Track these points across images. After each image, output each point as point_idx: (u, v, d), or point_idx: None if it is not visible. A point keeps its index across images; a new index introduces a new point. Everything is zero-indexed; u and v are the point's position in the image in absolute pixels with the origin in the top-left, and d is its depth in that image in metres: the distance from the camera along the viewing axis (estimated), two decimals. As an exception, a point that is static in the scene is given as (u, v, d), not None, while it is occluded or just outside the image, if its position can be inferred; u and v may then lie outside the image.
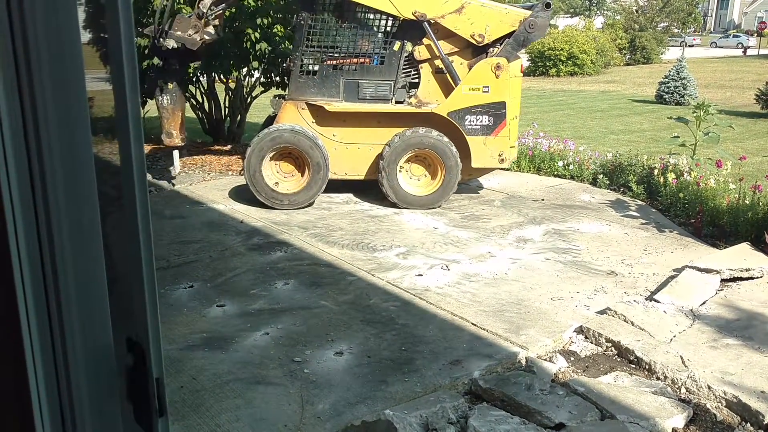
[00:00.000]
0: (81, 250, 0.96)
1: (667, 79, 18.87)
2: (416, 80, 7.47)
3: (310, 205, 7.19)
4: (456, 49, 7.35)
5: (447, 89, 7.34)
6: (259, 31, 8.83)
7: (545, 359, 4.04)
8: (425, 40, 7.28)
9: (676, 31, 42.19)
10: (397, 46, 7.24)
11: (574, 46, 28.43)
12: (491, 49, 7.37)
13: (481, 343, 4.21)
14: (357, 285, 5.12)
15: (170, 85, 7.34)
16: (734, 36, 53.85)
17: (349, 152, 7.35)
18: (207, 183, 8.40)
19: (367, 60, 7.25)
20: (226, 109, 10.76)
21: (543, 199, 7.76)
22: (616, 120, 15.77)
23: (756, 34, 49.89)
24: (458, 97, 7.16)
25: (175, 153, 8.36)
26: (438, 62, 7.34)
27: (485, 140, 7.24)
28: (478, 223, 6.82)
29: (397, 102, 7.36)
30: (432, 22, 7.13)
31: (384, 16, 7.33)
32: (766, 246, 5.59)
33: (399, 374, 3.81)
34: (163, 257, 5.60)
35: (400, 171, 7.20)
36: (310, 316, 4.56)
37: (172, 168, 8.53)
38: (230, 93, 10.63)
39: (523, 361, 4.00)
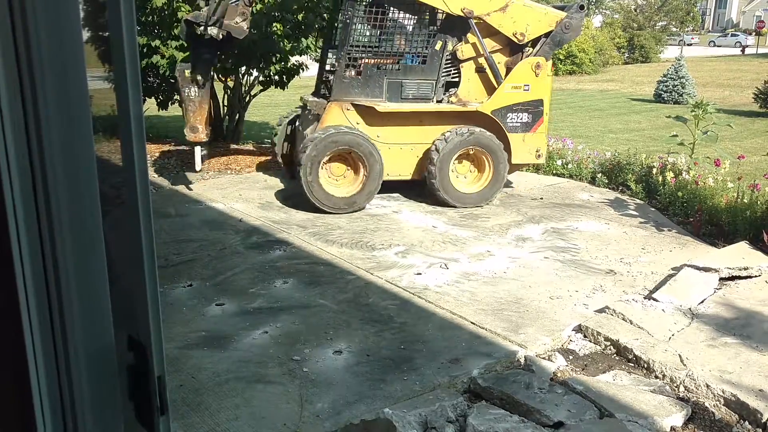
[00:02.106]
0: (82, 249, 0.96)
1: (665, 78, 18.90)
2: (455, 79, 7.50)
3: (362, 209, 7.06)
4: (498, 47, 7.50)
5: (486, 88, 7.46)
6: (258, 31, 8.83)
7: (544, 358, 4.05)
8: (470, 38, 7.34)
9: (674, 30, 42.22)
10: (438, 45, 7.26)
11: (572, 44, 28.41)
12: (526, 49, 7.51)
13: (480, 341, 4.21)
14: (356, 284, 5.12)
15: (199, 77, 7.05)
16: (733, 35, 53.87)
17: (392, 153, 7.26)
18: (206, 182, 8.39)
19: (409, 59, 7.25)
20: (225, 108, 10.75)
21: (542, 198, 7.76)
22: (614, 119, 15.78)
23: (754, 33, 49.93)
24: (501, 95, 7.31)
25: (198, 149, 7.88)
26: (481, 61, 7.41)
27: (524, 137, 7.43)
28: (477, 221, 6.83)
29: (437, 101, 7.39)
30: (478, 19, 7.21)
31: (428, 15, 7.35)
32: (764, 245, 5.60)
33: (398, 373, 3.81)
34: (162, 256, 5.60)
35: (451, 169, 7.22)
36: (309, 315, 4.56)
37: (194, 164, 7.88)
38: (229, 92, 10.62)
39: (522, 360, 4.00)
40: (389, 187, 7.40)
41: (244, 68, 10.04)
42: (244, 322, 4.45)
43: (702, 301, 4.72)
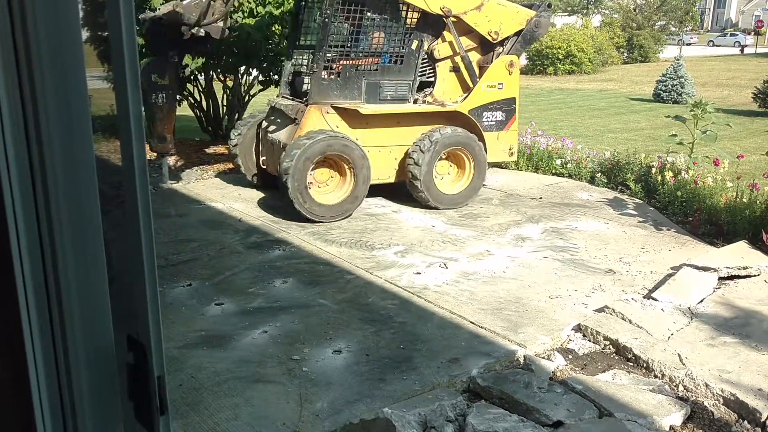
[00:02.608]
0: (82, 249, 0.96)
1: (664, 78, 18.89)
2: (430, 79, 7.44)
3: (350, 215, 6.82)
4: (473, 46, 7.48)
5: (461, 87, 7.45)
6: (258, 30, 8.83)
7: (543, 357, 4.05)
8: (446, 37, 7.29)
9: (673, 29, 42.20)
10: (415, 44, 7.17)
11: (571, 44, 28.46)
12: (497, 48, 7.49)
13: (479, 341, 4.21)
14: (355, 283, 5.13)
15: (167, 81, 6.64)
16: (732, 35, 53.88)
17: (372, 156, 6.96)
18: (205, 181, 8.39)
19: (378, 59, 7.11)
20: (224, 108, 10.75)
21: (541, 198, 7.76)
22: (613, 118, 15.79)
23: (753, 33, 49.97)
24: (477, 94, 7.31)
25: (165, 161, 7.48)
26: (457, 60, 7.38)
27: (498, 135, 7.48)
28: (476, 221, 6.83)
29: (413, 101, 7.32)
30: (455, 18, 7.17)
31: (405, 14, 7.23)
32: (763, 244, 5.60)
33: (397, 372, 3.81)
34: (162, 255, 5.59)
35: (435, 171, 7.12)
36: (309, 315, 4.56)
37: (159, 176, 7.55)
38: (228, 91, 10.62)
39: (522, 359, 4.00)
40: (388, 187, 7.39)
41: (243, 68, 10.04)
42: (243, 321, 4.45)
43: (701, 301, 4.72)
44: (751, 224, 6.05)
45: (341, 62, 6.96)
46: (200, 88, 10.28)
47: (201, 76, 9.96)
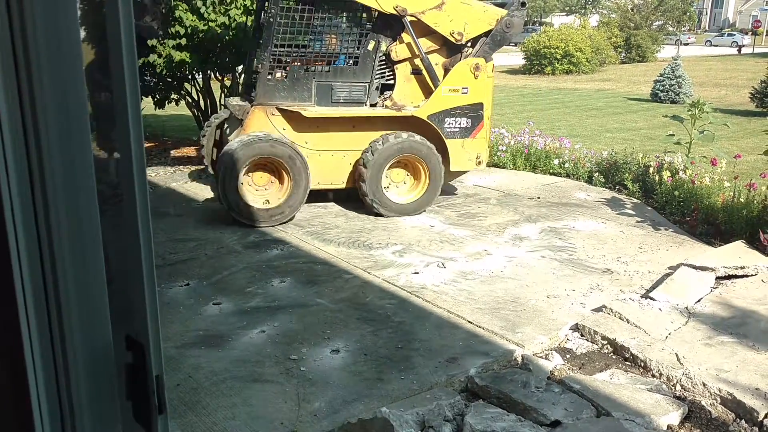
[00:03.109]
0: (80, 248, 0.95)
1: (662, 78, 18.92)
2: (390, 82, 7.04)
3: (292, 219, 6.65)
4: (434, 48, 7.02)
5: (423, 90, 7.00)
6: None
7: (541, 357, 4.05)
8: (404, 38, 6.87)
9: (671, 29, 42.26)
10: (371, 45, 6.83)
11: (569, 44, 28.48)
12: (465, 49, 7.07)
13: (477, 340, 4.21)
14: (353, 283, 5.13)
15: None
16: (729, 34, 53.99)
17: (323, 160, 6.82)
18: (203, 180, 8.38)
19: (334, 60, 6.85)
20: (222, 107, 10.73)
21: (539, 197, 7.77)
22: (611, 118, 15.81)
23: (750, 33, 50.07)
24: (438, 98, 6.86)
25: None
26: (417, 62, 6.95)
27: (463, 143, 7.01)
28: (474, 221, 6.83)
29: (370, 105, 6.92)
30: (412, 17, 6.75)
31: (359, 14, 6.95)
32: (760, 244, 5.61)
33: (395, 372, 3.81)
34: (159, 255, 5.59)
35: (386, 178, 6.87)
36: (307, 314, 4.56)
37: None
38: (226, 91, 10.60)
39: (519, 359, 4.00)
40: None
41: (241, 67, 10.03)
42: (241, 321, 4.45)
43: (698, 300, 4.73)
44: (748, 224, 6.07)
45: (295, 63, 6.73)
46: (197, 88, 10.27)
47: (199, 75, 9.95)
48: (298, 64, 6.73)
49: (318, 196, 7.13)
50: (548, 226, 6.67)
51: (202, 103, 10.58)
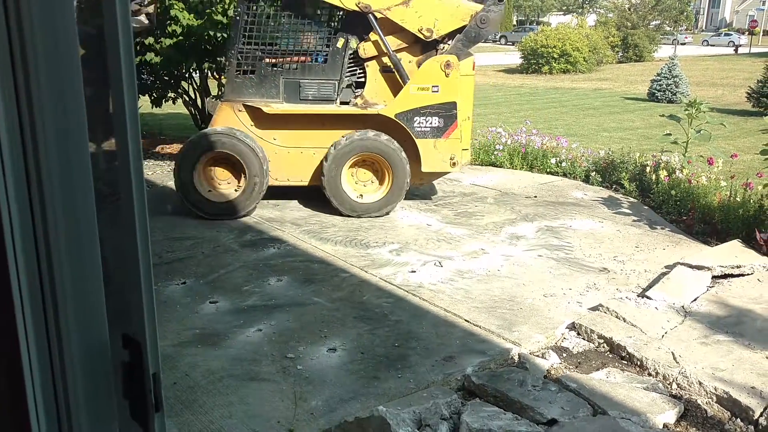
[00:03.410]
0: (77, 246, 0.96)
1: (659, 77, 18.94)
2: (362, 79, 6.91)
3: (248, 214, 6.66)
4: (404, 45, 6.80)
5: (395, 89, 6.80)
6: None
7: (538, 355, 4.06)
8: (371, 36, 6.71)
9: (668, 29, 42.31)
10: (340, 42, 6.73)
11: (566, 43, 28.48)
12: (441, 46, 6.83)
13: (474, 339, 4.22)
14: (350, 281, 5.13)
15: None
16: (726, 34, 54.07)
17: (291, 157, 6.80)
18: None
19: (309, 58, 6.77)
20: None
21: (535, 196, 7.77)
22: (608, 117, 15.82)
23: (747, 33, 50.15)
24: (406, 97, 6.65)
25: None
26: (385, 60, 6.78)
27: (435, 143, 6.76)
28: (471, 220, 6.83)
29: (342, 103, 6.82)
30: (378, 14, 6.60)
31: (327, 11, 6.89)
32: (756, 243, 5.63)
33: (392, 370, 3.82)
34: (156, 253, 5.58)
35: (347, 176, 6.74)
36: (303, 313, 4.56)
37: None
38: (222, 89, 10.58)
39: (516, 358, 4.01)
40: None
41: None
42: (238, 319, 4.45)
43: (695, 299, 4.74)
44: (744, 223, 6.08)
45: (267, 60, 6.71)
46: (195, 86, 10.26)
47: (196, 74, 9.93)
48: (267, 61, 6.72)
49: (317, 195, 7.13)
50: (545, 225, 6.67)
51: (199, 101, 10.57)
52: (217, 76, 10.29)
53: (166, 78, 9.63)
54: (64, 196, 0.92)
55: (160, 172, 8.58)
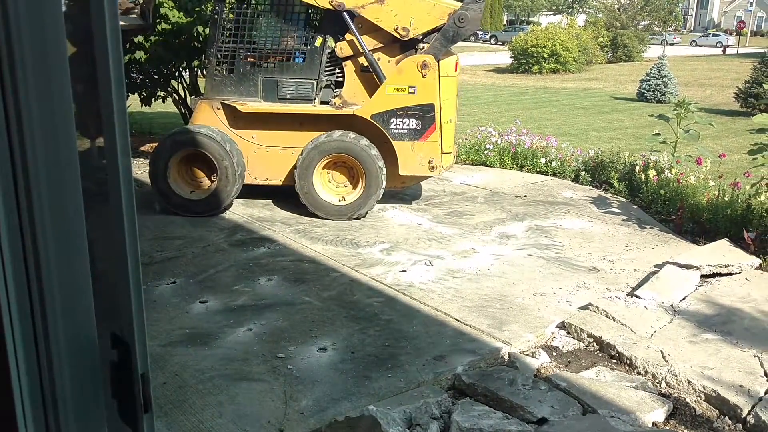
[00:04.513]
0: (64, 246, 0.95)
1: (648, 77, 19.04)
2: (342, 79, 6.82)
3: (223, 211, 6.67)
4: (380, 45, 6.62)
5: (373, 89, 6.64)
6: None
7: (528, 354, 4.07)
8: (348, 35, 6.58)
9: (657, 29, 42.53)
10: (318, 41, 6.63)
11: (556, 43, 28.56)
12: (421, 46, 6.67)
13: (464, 338, 4.23)
14: (340, 281, 5.12)
15: None
16: (714, 35, 54.50)
17: (270, 156, 6.75)
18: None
19: (287, 57, 6.70)
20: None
21: (525, 196, 7.80)
22: (598, 117, 15.89)
23: (735, 34, 50.52)
24: (382, 97, 6.49)
25: None
26: (362, 59, 6.64)
27: (413, 145, 6.56)
28: (461, 219, 6.84)
29: (323, 102, 6.71)
30: (352, 13, 6.48)
31: (304, 10, 6.83)
32: (744, 242, 5.67)
33: (383, 370, 3.82)
34: (145, 253, 5.55)
35: (320, 177, 6.64)
36: (294, 312, 4.55)
37: None
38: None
39: (506, 357, 4.02)
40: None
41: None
42: (228, 319, 4.43)
43: (684, 298, 4.77)
44: (732, 222, 6.12)
45: (243, 59, 6.68)
46: (184, 85, 10.21)
47: (186, 72, 9.89)
48: (245, 59, 6.68)
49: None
50: (535, 224, 6.69)
51: (188, 100, 10.51)
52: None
53: (155, 76, 9.57)
54: (51, 194, 0.91)
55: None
